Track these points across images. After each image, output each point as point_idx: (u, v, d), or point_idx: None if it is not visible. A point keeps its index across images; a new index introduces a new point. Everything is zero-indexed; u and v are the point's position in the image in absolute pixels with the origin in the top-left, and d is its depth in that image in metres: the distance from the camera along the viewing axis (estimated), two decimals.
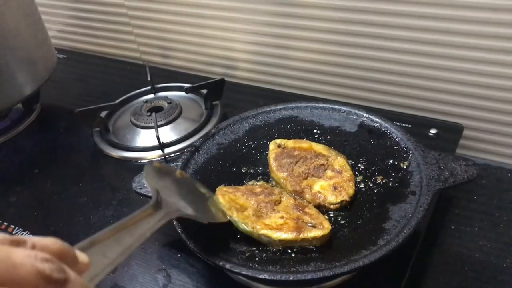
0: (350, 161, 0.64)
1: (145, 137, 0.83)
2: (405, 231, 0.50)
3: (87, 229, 0.68)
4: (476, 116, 0.77)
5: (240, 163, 0.67)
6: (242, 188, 0.61)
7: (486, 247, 0.65)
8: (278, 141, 0.67)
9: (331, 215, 0.58)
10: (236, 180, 0.64)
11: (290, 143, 0.66)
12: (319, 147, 0.64)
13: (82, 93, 1.03)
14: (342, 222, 0.57)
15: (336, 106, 0.70)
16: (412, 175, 0.58)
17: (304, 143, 0.66)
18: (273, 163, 0.64)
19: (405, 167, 0.60)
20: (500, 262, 0.63)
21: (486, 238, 0.66)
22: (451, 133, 0.75)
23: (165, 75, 1.01)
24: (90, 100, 0.97)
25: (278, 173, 0.62)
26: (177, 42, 1.03)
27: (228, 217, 0.56)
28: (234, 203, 0.57)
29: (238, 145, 0.69)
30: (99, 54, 1.19)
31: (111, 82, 1.07)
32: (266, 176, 0.65)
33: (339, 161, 0.62)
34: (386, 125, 0.65)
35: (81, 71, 1.13)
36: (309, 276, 0.48)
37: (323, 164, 0.62)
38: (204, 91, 0.88)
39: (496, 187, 0.74)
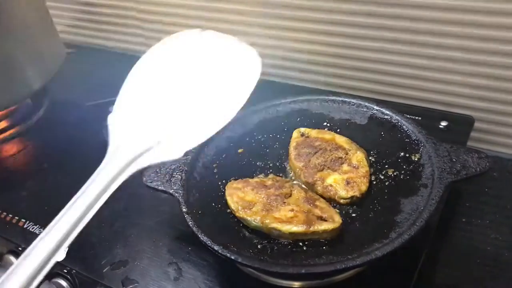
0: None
1: None
2: (417, 224, 0.50)
3: (98, 223, 0.68)
4: (487, 108, 0.76)
5: (250, 157, 0.67)
6: (252, 181, 0.61)
7: (498, 240, 0.65)
8: (302, 129, 0.67)
9: (342, 208, 0.58)
10: (246, 173, 0.64)
11: (313, 132, 0.66)
12: (341, 140, 0.64)
13: (91, 88, 1.03)
14: (353, 215, 0.56)
15: (346, 99, 0.69)
16: (424, 167, 0.58)
17: (328, 134, 0.65)
18: (292, 152, 0.63)
19: (416, 159, 0.59)
20: (511, 255, 0.63)
21: (498, 231, 0.66)
22: (462, 125, 0.74)
23: None
24: (99, 95, 0.97)
25: (296, 162, 0.62)
26: None
27: (238, 216, 0.56)
28: (242, 202, 0.57)
29: (248, 138, 0.69)
30: (107, 48, 1.19)
31: (120, 77, 1.06)
32: (276, 169, 0.65)
33: (357, 156, 0.61)
34: (397, 117, 0.64)
35: (90, 65, 1.13)
36: (321, 269, 0.48)
37: (341, 158, 0.61)
38: None
39: (507, 179, 0.73)
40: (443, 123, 0.74)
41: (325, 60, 0.87)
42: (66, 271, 0.64)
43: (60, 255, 0.62)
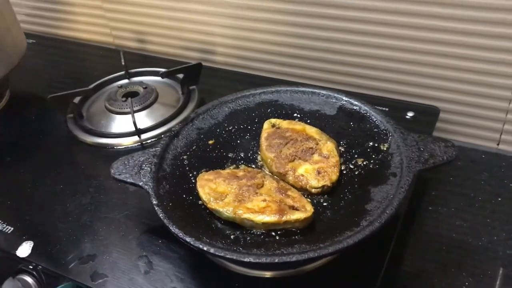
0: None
1: (120, 123, 0.81)
2: (387, 211, 0.51)
3: (64, 217, 0.67)
4: (451, 99, 0.78)
5: (221, 148, 0.66)
6: (223, 172, 0.60)
7: (462, 227, 0.67)
8: (273, 120, 0.67)
9: (314, 198, 0.58)
10: (218, 165, 0.64)
11: (284, 123, 0.66)
12: (312, 130, 0.64)
13: (53, 79, 1.00)
14: (324, 204, 0.57)
15: (316, 90, 0.70)
16: (393, 156, 0.59)
17: (298, 125, 0.65)
18: (263, 142, 0.63)
19: (385, 149, 0.60)
20: (476, 241, 0.65)
21: (462, 218, 0.68)
22: (427, 116, 0.76)
23: (140, 60, 0.99)
24: (61, 86, 0.94)
25: (267, 153, 0.62)
26: (151, 26, 1.01)
27: (210, 208, 0.56)
28: (214, 193, 0.57)
29: (218, 130, 0.68)
30: (69, 38, 1.16)
31: (83, 68, 1.04)
32: (247, 160, 0.65)
33: (328, 146, 0.62)
34: (366, 108, 0.65)
35: (52, 56, 1.10)
36: (294, 258, 0.48)
37: (311, 148, 0.61)
38: (181, 75, 0.86)
39: (471, 168, 0.76)
40: (410, 114, 0.76)
41: (293, 52, 0.88)
42: (31, 267, 0.62)
43: (24, 251, 0.60)
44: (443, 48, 0.74)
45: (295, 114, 0.69)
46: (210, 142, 0.67)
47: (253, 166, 0.64)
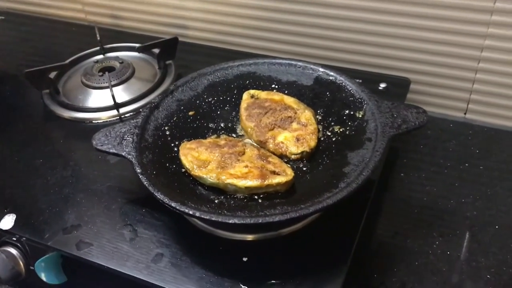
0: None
1: (97, 98, 0.81)
2: (364, 173, 0.53)
3: (46, 190, 0.67)
4: (421, 70, 0.81)
5: (202, 119, 0.68)
6: (206, 141, 0.62)
7: (432, 191, 0.71)
8: (252, 91, 0.68)
9: (294, 163, 0.60)
10: (199, 135, 0.65)
11: (263, 94, 0.68)
12: (290, 100, 0.66)
13: (25, 57, 0.99)
14: (304, 169, 0.59)
15: (293, 62, 0.71)
16: (368, 123, 0.61)
17: (276, 95, 0.67)
18: (243, 113, 0.65)
19: (360, 116, 0.63)
20: (445, 203, 0.68)
21: (432, 183, 0.72)
22: (399, 87, 0.79)
23: (114, 36, 0.99)
24: (35, 64, 0.93)
25: (247, 122, 0.64)
26: (125, 1, 1.00)
27: (193, 175, 0.57)
28: (197, 161, 0.58)
29: (198, 101, 0.69)
30: (39, 15, 1.13)
31: (56, 45, 1.03)
32: (228, 130, 0.66)
33: (306, 115, 0.64)
34: (341, 78, 0.67)
35: (23, 33, 1.08)
36: (276, 219, 0.50)
37: (290, 117, 0.63)
38: (157, 50, 0.87)
39: (440, 136, 0.79)
40: (382, 85, 0.78)
41: (269, 26, 0.89)
42: (15, 239, 0.62)
43: (6, 224, 0.61)
44: (413, 20, 0.76)
45: (273, 85, 0.71)
46: (191, 113, 0.68)
47: (234, 135, 0.66)
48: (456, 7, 0.73)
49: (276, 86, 0.71)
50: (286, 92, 0.69)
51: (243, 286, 0.53)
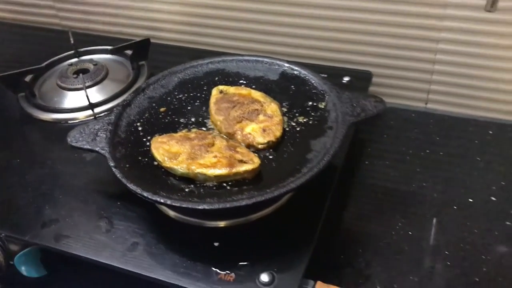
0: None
1: (73, 99, 0.84)
2: (325, 158, 0.57)
3: (24, 187, 0.69)
4: (383, 64, 0.85)
5: (173, 115, 0.70)
6: (176, 135, 0.64)
7: (395, 177, 0.75)
8: (220, 87, 0.71)
9: (261, 152, 0.63)
10: (170, 129, 0.68)
11: (231, 89, 0.71)
12: (257, 94, 0.69)
13: (0, 62, 1.00)
14: (270, 157, 0.62)
15: (259, 58, 0.75)
16: (329, 113, 0.65)
17: (244, 90, 0.70)
18: (213, 107, 0.68)
19: (323, 107, 0.66)
20: (407, 188, 0.73)
21: (395, 170, 0.76)
22: (362, 80, 0.83)
23: (88, 40, 1.01)
24: (9, 68, 0.94)
25: (216, 116, 0.67)
26: (98, 6, 1.02)
27: (165, 167, 0.60)
28: (168, 153, 0.61)
29: (169, 98, 0.72)
30: (14, 21, 1.15)
31: (31, 50, 1.05)
32: (198, 125, 0.69)
33: (272, 107, 0.67)
34: (305, 72, 0.71)
35: None
36: (243, 203, 0.53)
37: (257, 109, 0.67)
38: (130, 52, 0.89)
39: (402, 126, 0.84)
40: (346, 79, 0.82)
41: (238, 26, 0.92)
42: None
43: None
44: (372, 16, 0.80)
45: (241, 81, 0.74)
46: (162, 109, 0.71)
47: (204, 129, 0.69)
48: (412, 2, 0.77)
49: (244, 82, 0.74)
50: (253, 87, 0.73)
51: (214, 269, 0.56)
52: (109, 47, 0.91)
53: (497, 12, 0.67)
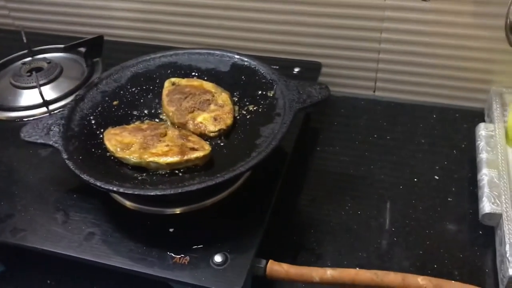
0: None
1: (27, 97, 0.84)
2: (273, 143, 0.59)
3: None
4: (331, 54, 0.88)
5: (126, 107, 0.72)
6: (129, 127, 0.66)
7: (345, 162, 0.78)
8: (172, 79, 0.73)
9: (212, 140, 0.66)
10: (123, 122, 0.69)
11: (183, 81, 0.73)
12: (208, 85, 0.71)
13: None
14: (221, 144, 0.65)
15: (211, 51, 0.77)
16: (278, 101, 0.67)
17: (196, 82, 0.72)
18: (165, 99, 0.70)
19: (271, 95, 0.69)
20: (356, 172, 0.76)
21: (345, 155, 0.79)
22: (311, 71, 0.86)
23: (42, 40, 1.01)
24: None
25: (168, 107, 0.68)
26: (51, 5, 1.02)
27: (117, 157, 0.62)
28: (120, 144, 0.63)
29: (122, 91, 0.73)
30: None
31: None
32: (151, 116, 0.71)
33: (222, 97, 0.70)
34: (254, 63, 0.73)
35: None
36: (195, 187, 0.55)
37: (208, 100, 0.69)
38: (83, 49, 0.90)
39: (352, 114, 0.87)
40: (296, 69, 0.85)
41: (190, 21, 0.94)
42: None
43: None
44: (318, 8, 0.83)
45: (193, 73, 0.76)
46: (115, 103, 0.72)
47: (157, 120, 0.70)
48: None
49: (196, 74, 0.76)
50: (205, 78, 0.75)
51: (169, 253, 0.57)
52: (63, 46, 0.91)
53: (432, 1, 0.71)
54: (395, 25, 0.81)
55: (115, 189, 0.56)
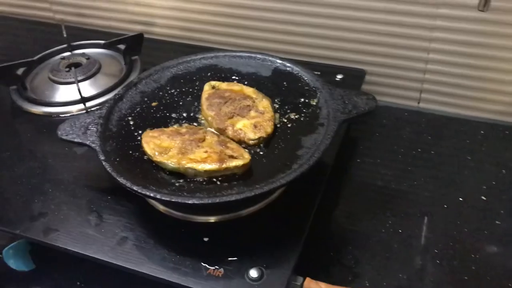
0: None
1: (64, 93, 0.83)
2: (315, 155, 0.57)
3: (13, 180, 0.69)
4: (376, 62, 0.85)
5: (165, 109, 0.70)
6: (167, 130, 0.64)
7: (386, 175, 0.75)
8: (212, 83, 0.71)
9: (252, 148, 0.63)
10: (162, 124, 0.68)
11: (223, 85, 0.71)
12: (249, 90, 0.69)
13: None
14: (261, 153, 0.62)
15: (252, 54, 0.75)
16: (321, 110, 0.65)
17: (236, 86, 0.70)
18: (204, 102, 0.68)
19: (314, 103, 0.66)
20: (397, 186, 0.73)
21: (386, 168, 0.76)
22: (355, 78, 0.83)
23: (82, 34, 1.00)
24: (1, 61, 0.94)
25: (208, 111, 0.67)
26: (92, 0, 1.02)
27: (155, 161, 0.60)
28: (159, 148, 0.61)
29: (161, 93, 0.72)
30: (8, 14, 1.14)
31: (24, 43, 1.04)
32: (189, 120, 0.69)
33: (263, 103, 0.67)
34: (297, 69, 0.71)
35: None
36: (233, 198, 0.53)
37: (248, 105, 0.67)
38: (123, 46, 0.89)
39: (394, 125, 0.84)
40: (339, 76, 0.82)
41: (232, 22, 0.92)
42: None
43: None
44: (366, 14, 0.80)
45: (233, 77, 0.74)
46: (154, 104, 0.70)
47: (195, 124, 0.69)
48: (405, 1, 0.77)
49: (237, 78, 0.74)
50: (245, 83, 0.72)
51: (203, 264, 0.56)
52: (102, 42, 0.90)
53: (489, 11, 0.67)
54: (446, 35, 0.77)
55: (152, 195, 0.54)
